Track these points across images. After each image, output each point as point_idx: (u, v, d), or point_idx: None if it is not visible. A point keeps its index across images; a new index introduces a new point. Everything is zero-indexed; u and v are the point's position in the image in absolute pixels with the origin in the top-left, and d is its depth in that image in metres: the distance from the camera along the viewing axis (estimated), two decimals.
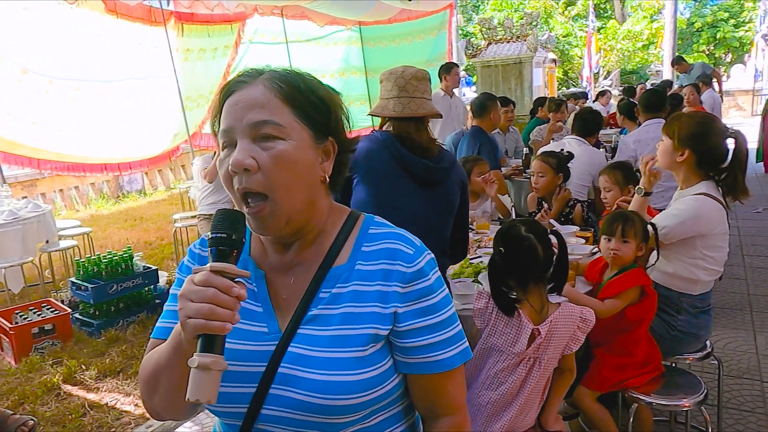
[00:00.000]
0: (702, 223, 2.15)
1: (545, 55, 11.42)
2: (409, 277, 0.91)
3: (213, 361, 0.77)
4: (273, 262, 0.97)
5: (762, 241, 5.41)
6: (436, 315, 0.93)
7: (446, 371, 0.94)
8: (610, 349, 2.15)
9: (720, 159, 2.23)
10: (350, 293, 0.91)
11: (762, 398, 2.91)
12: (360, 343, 0.89)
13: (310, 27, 9.62)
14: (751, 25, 20.51)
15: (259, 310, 0.94)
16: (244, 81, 0.89)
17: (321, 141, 0.91)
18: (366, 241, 0.95)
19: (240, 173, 0.84)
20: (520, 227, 1.84)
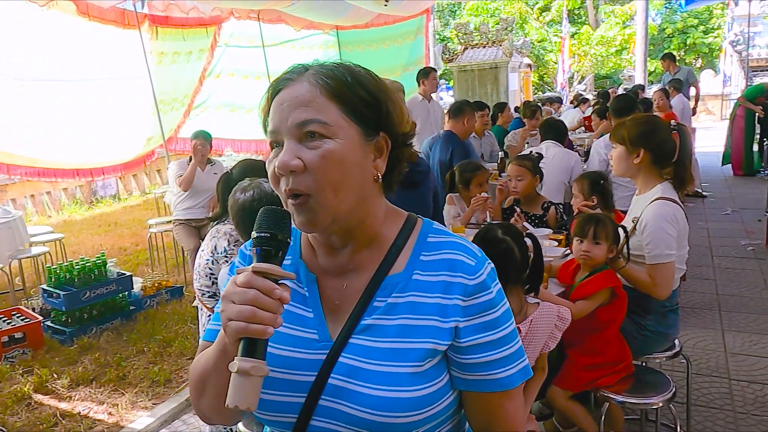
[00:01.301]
0: (672, 227, 2.21)
1: (521, 60, 11.60)
2: (471, 289, 0.85)
3: (253, 367, 0.74)
4: (325, 265, 0.92)
5: (730, 242, 5.55)
6: (498, 330, 0.87)
7: (505, 390, 0.88)
8: (582, 350, 2.19)
9: (671, 153, 2.31)
10: (407, 304, 0.86)
11: (730, 396, 2.98)
12: (417, 358, 0.84)
13: (287, 31, 9.61)
14: (719, 32, 21.04)
15: (309, 315, 0.90)
16: (290, 78, 0.85)
17: (372, 137, 0.86)
18: (425, 249, 0.90)
19: (286, 175, 0.81)
20: (497, 230, 1.88)
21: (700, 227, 6.11)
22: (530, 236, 1.90)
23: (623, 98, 4.31)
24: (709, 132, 12.81)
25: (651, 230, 2.20)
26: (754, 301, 4.14)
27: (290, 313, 0.90)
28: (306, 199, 0.82)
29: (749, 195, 7.37)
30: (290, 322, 0.90)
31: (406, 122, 0.90)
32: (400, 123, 0.89)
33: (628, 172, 2.37)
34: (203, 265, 2.40)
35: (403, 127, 0.90)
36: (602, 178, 2.84)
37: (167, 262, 5.94)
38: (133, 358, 3.82)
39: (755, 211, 6.47)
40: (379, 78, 0.90)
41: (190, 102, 8.27)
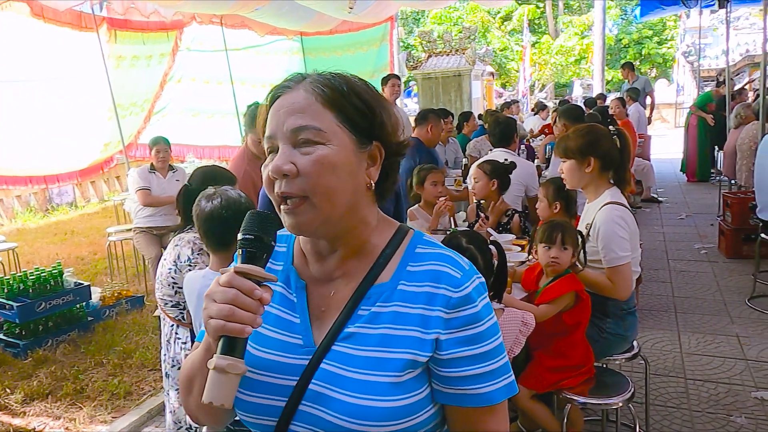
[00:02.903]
0: (623, 228, 2.28)
1: (483, 68, 11.77)
2: (455, 302, 0.85)
3: (230, 364, 0.76)
4: (315, 272, 0.93)
5: (685, 246, 5.75)
6: (482, 345, 0.85)
7: (488, 406, 0.86)
8: (548, 352, 2.24)
9: (617, 157, 2.40)
10: (390, 314, 0.86)
11: (686, 395, 3.08)
12: (396, 368, 0.83)
13: (251, 36, 9.53)
14: (672, 43, 21.86)
15: (297, 321, 0.91)
16: (288, 86, 0.87)
17: (365, 146, 0.87)
18: (412, 260, 0.90)
19: (280, 178, 0.83)
20: (461, 238, 1.90)
21: (657, 232, 6.32)
22: (494, 243, 1.93)
23: (575, 106, 4.47)
24: (663, 139, 13.25)
25: (603, 235, 2.27)
26: (708, 303, 4.29)
27: (279, 319, 0.92)
28: (298, 203, 0.83)
29: (702, 200, 7.65)
30: (278, 327, 0.92)
31: (399, 133, 0.92)
32: (394, 133, 0.91)
33: (581, 183, 2.44)
34: (165, 274, 2.36)
35: (397, 137, 0.92)
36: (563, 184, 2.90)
37: (127, 271, 5.80)
38: (92, 370, 3.71)
39: (708, 215, 6.73)
40: (375, 88, 0.92)
41: (151, 107, 8.11)
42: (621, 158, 2.44)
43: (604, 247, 2.26)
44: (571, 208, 2.93)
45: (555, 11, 24.45)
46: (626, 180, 2.45)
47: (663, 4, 9.40)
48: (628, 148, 2.48)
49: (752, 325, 3.87)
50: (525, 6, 21.71)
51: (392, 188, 0.94)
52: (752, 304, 4.19)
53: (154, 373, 3.57)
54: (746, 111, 6.13)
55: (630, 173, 2.51)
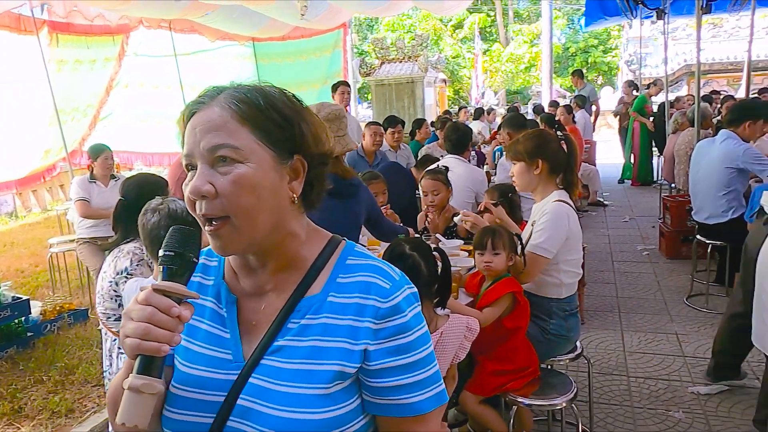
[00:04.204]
0: (564, 224, 2.35)
1: (436, 75, 11.93)
2: (384, 312, 0.85)
3: (144, 384, 0.74)
4: (246, 286, 0.92)
5: (628, 247, 5.96)
6: (411, 354, 0.86)
7: (418, 415, 0.86)
8: (491, 357, 2.28)
9: (564, 160, 2.49)
10: (320, 326, 0.86)
11: (628, 392, 3.20)
12: (325, 380, 0.84)
13: (201, 41, 9.39)
14: (617, 52, 22.71)
15: (227, 336, 0.90)
16: (203, 102, 0.85)
17: (286, 160, 0.86)
18: (342, 271, 0.90)
19: (199, 199, 0.81)
20: (405, 246, 1.93)
21: (602, 234, 6.54)
22: (438, 250, 1.96)
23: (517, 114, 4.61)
24: (609, 145, 13.71)
25: (546, 223, 2.35)
26: (649, 302, 4.46)
27: (209, 334, 0.91)
28: (220, 225, 0.82)
29: (645, 203, 7.96)
30: (208, 343, 0.90)
31: (323, 142, 0.91)
32: (317, 144, 0.90)
33: (530, 185, 2.51)
34: (107, 288, 2.29)
35: (320, 147, 0.90)
36: (511, 191, 2.98)
37: (70, 283, 5.58)
38: (31, 388, 3.55)
39: (650, 218, 7.01)
40: (295, 99, 0.90)
41: (96, 113, 7.86)
42: (568, 162, 2.52)
43: (541, 231, 2.35)
44: (516, 212, 3.00)
45: (505, 20, 25.03)
46: (574, 183, 2.53)
47: (606, 14, 9.73)
48: (575, 152, 2.56)
49: (690, 322, 4.04)
50: (476, 15, 22.15)
51: (319, 199, 0.93)
52: (690, 302, 4.38)
53: (98, 389, 3.45)
54: (682, 118, 6.42)
55: (577, 177, 2.59)
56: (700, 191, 4.27)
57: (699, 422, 2.87)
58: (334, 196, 2.22)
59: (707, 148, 4.24)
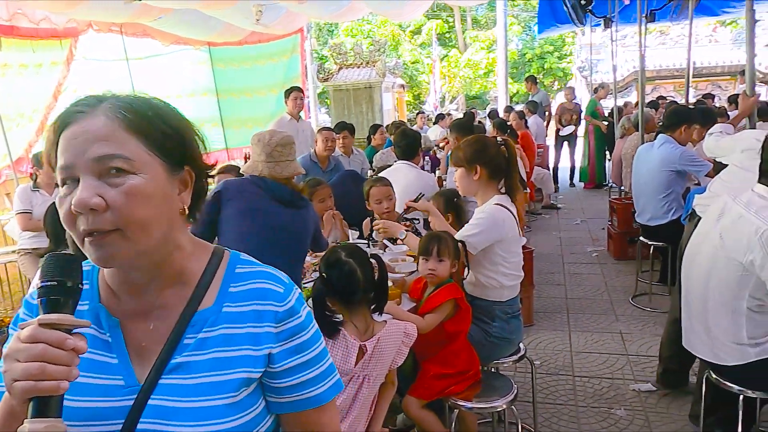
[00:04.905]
0: (499, 227, 2.40)
1: (394, 80, 12.00)
2: (282, 316, 0.89)
3: (48, 426, 0.68)
4: (129, 307, 0.88)
5: (579, 249, 6.12)
6: (309, 351, 0.92)
7: (321, 406, 0.94)
8: (433, 361, 2.31)
9: (503, 165, 2.54)
10: (219, 337, 0.86)
11: (573, 392, 3.27)
12: (232, 389, 0.85)
13: (155, 45, 9.21)
14: (571, 58, 23.28)
15: (114, 361, 0.86)
16: (82, 111, 0.80)
17: (176, 171, 0.85)
18: (233, 281, 0.91)
19: (85, 213, 0.76)
20: (341, 253, 1.93)
21: (554, 237, 6.68)
22: (374, 257, 1.97)
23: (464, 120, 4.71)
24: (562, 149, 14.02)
25: (480, 221, 2.41)
26: (596, 303, 4.59)
27: (92, 362, 0.86)
28: (106, 234, 0.78)
29: (596, 205, 8.17)
30: (92, 371, 0.86)
31: (205, 155, 0.92)
32: (200, 156, 0.91)
33: (470, 190, 2.56)
34: None
35: (204, 159, 0.92)
36: (456, 196, 3.02)
37: (13, 296, 5.38)
38: None
39: (600, 220, 7.19)
40: (178, 111, 0.90)
41: (43, 118, 7.59)
42: (508, 167, 2.56)
43: (473, 227, 2.41)
44: (462, 218, 3.05)
45: (464, 26, 25.38)
46: (514, 188, 2.57)
47: (558, 22, 9.98)
48: (514, 157, 2.61)
49: (634, 321, 4.17)
50: (434, 21, 22.39)
51: (199, 210, 0.93)
52: (635, 302, 4.52)
53: None
54: (629, 123, 6.64)
55: (517, 182, 2.62)
56: (642, 194, 4.42)
57: (639, 419, 2.97)
58: (287, 205, 2.30)
59: (647, 152, 4.40)
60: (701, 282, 2.30)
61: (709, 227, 2.31)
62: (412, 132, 4.58)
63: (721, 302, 2.22)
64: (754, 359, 2.18)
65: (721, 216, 2.26)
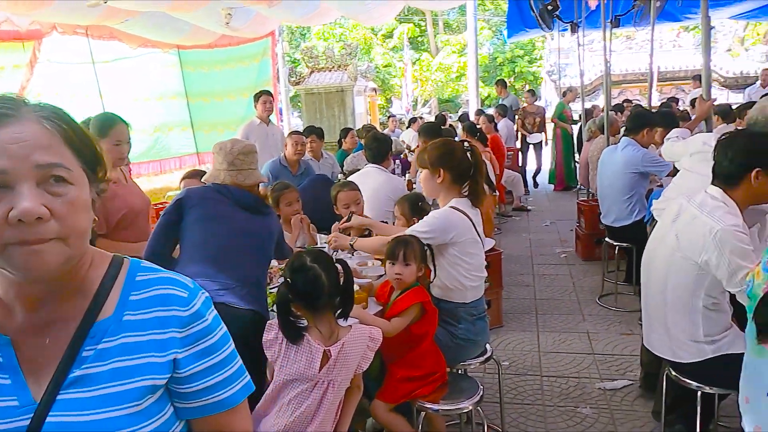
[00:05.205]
0: (448, 229, 2.42)
1: (366, 84, 12.03)
2: (187, 320, 0.90)
3: None
4: (21, 323, 0.85)
5: (547, 251, 6.21)
6: (217, 354, 0.93)
7: (232, 408, 0.95)
8: (400, 364, 2.32)
9: (468, 170, 2.55)
10: (119, 347, 0.86)
11: (541, 391, 3.32)
12: (135, 398, 0.84)
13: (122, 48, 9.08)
14: (541, 62, 23.65)
15: (7, 382, 0.82)
16: (8, 114, 0.78)
17: (96, 182, 0.87)
18: (134, 289, 0.90)
19: (30, 223, 0.75)
20: (306, 258, 1.93)
21: (524, 239, 6.77)
22: (340, 262, 1.98)
23: (431, 123, 4.74)
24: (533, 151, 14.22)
25: (431, 219, 2.45)
26: (564, 303, 4.66)
27: None
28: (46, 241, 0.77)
29: (565, 207, 8.29)
30: None
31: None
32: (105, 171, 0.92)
33: (433, 193, 2.59)
34: None
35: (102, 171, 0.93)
36: (421, 200, 3.04)
37: None
38: None
39: (569, 221, 7.29)
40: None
41: None
42: (473, 173, 2.59)
43: (424, 224, 2.44)
44: None
45: (436, 30, 25.57)
46: (478, 194, 2.58)
47: (526, 26, 10.15)
48: (480, 163, 2.63)
49: (600, 321, 4.25)
50: (405, 24, 22.52)
51: None
52: (601, 302, 4.61)
53: None
54: (594, 126, 6.78)
55: (482, 188, 2.64)
56: (606, 196, 4.52)
57: (604, 416, 3.02)
58: (251, 211, 2.28)
59: (611, 155, 4.50)
60: (659, 282, 2.37)
61: (666, 229, 2.38)
62: (383, 136, 4.62)
63: (679, 301, 2.28)
64: (711, 356, 2.25)
65: (677, 218, 2.33)
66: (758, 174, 2.13)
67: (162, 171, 10.46)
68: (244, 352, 1.90)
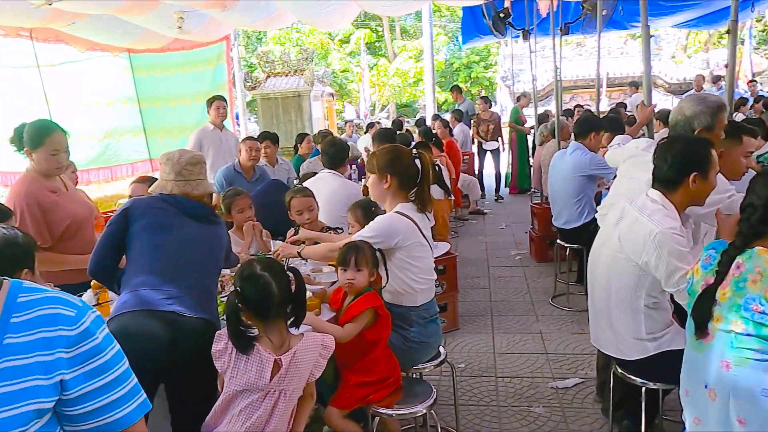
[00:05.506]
0: (393, 233, 2.43)
1: (323, 89, 12.00)
2: (74, 339, 0.87)
3: None
4: None
5: (503, 253, 6.32)
6: (109, 374, 0.91)
7: (127, 428, 0.93)
8: (353, 369, 2.32)
9: (415, 177, 2.57)
10: (2, 371, 0.83)
11: (495, 392, 3.38)
12: (20, 424, 0.82)
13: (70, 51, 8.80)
14: (496, 68, 24.09)
15: None
16: None
17: None
18: (15, 311, 0.87)
19: None
20: (256, 266, 1.91)
21: (480, 241, 6.88)
22: (292, 270, 1.97)
23: (386, 129, 4.79)
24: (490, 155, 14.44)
25: (376, 224, 2.46)
26: (519, 305, 4.75)
27: None
28: None
29: (520, 210, 8.45)
30: None
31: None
32: None
33: (381, 197, 2.61)
34: None
35: None
36: (373, 205, 3.04)
37: None
38: None
39: (524, 224, 7.43)
40: None
41: None
42: (420, 179, 2.61)
43: (369, 228, 2.46)
44: None
45: (393, 35, 25.73)
46: (424, 199, 2.60)
47: (480, 33, 10.32)
48: (427, 169, 2.65)
49: (553, 321, 4.36)
50: (362, 30, 22.59)
51: None
52: (554, 302, 4.72)
53: None
54: (546, 130, 6.94)
55: (429, 194, 2.67)
56: (557, 199, 4.64)
57: (557, 415, 3.10)
58: (200, 220, 2.24)
59: (560, 159, 4.63)
60: (604, 283, 2.45)
61: (610, 231, 2.46)
62: (341, 141, 4.61)
63: (622, 301, 2.36)
64: (653, 353, 2.34)
65: (620, 220, 2.41)
66: (695, 178, 2.23)
67: (113, 178, 10.18)
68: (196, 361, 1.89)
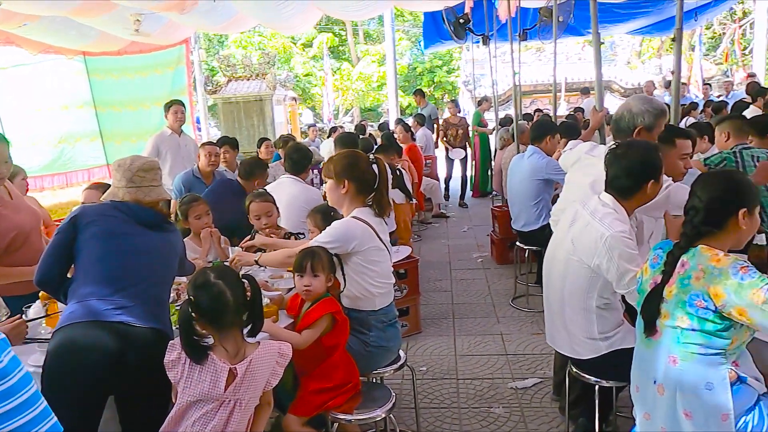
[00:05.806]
0: (350, 238, 2.45)
1: (285, 93, 11.92)
2: None
3: None
4: None
5: (465, 256, 6.39)
6: (17, 397, 0.89)
7: None
8: (312, 376, 2.31)
9: (372, 182, 2.59)
10: None
11: (456, 394, 3.41)
12: None
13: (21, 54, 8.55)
14: (458, 72, 24.37)
15: None
16: None
17: None
18: None
19: None
20: (209, 274, 1.88)
21: (443, 245, 6.94)
22: (247, 277, 1.95)
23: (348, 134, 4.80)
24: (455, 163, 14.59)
25: (333, 230, 2.47)
26: (480, 307, 4.81)
27: None
28: None
29: (482, 213, 8.55)
30: None
31: None
32: None
33: (338, 203, 2.61)
34: None
35: None
36: (332, 210, 3.04)
37: None
38: None
39: (485, 227, 7.52)
40: None
41: None
42: (377, 185, 2.62)
43: (326, 234, 2.47)
44: None
45: (356, 39, 25.76)
46: (382, 204, 2.61)
47: (441, 38, 10.43)
48: (384, 175, 2.67)
49: (513, 322, 4.43)
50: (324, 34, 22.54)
51: None
52: (514, 303, 4.80)
53: None
54: (506, 134, 7.06)
55: (387, 199, 2.69)
56: (516, 202, 4.73)
57: (516, 415, 3.15)
58: (153, 228, 2.19)
59: (519, 162, 4.72)
60: (558, 284, 2.50)
61: (563, 234, 2.52)
62: (304, 147, 4.59)
63: (575, 302, 2.42)
64: (605, 352, 2.40)
65: (573, 223, 2.47)
66: (652, 185, 2.30)
67: (68, 184, 9.90)
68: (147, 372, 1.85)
